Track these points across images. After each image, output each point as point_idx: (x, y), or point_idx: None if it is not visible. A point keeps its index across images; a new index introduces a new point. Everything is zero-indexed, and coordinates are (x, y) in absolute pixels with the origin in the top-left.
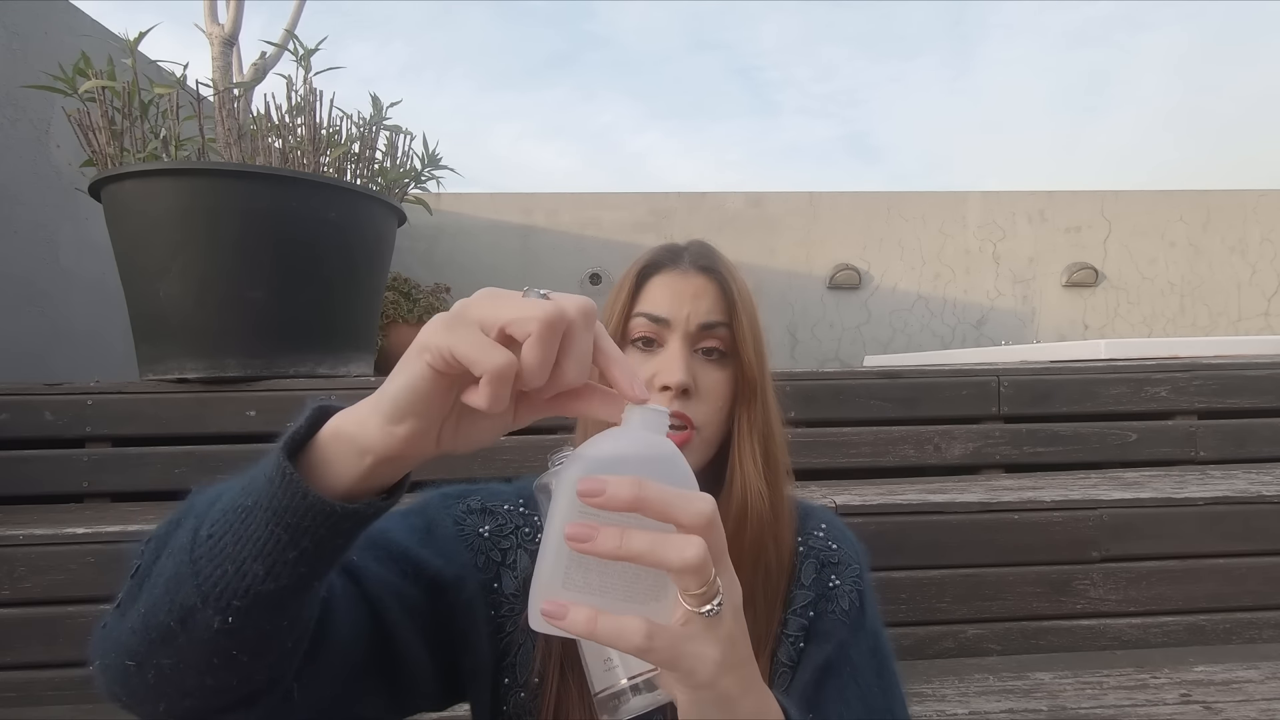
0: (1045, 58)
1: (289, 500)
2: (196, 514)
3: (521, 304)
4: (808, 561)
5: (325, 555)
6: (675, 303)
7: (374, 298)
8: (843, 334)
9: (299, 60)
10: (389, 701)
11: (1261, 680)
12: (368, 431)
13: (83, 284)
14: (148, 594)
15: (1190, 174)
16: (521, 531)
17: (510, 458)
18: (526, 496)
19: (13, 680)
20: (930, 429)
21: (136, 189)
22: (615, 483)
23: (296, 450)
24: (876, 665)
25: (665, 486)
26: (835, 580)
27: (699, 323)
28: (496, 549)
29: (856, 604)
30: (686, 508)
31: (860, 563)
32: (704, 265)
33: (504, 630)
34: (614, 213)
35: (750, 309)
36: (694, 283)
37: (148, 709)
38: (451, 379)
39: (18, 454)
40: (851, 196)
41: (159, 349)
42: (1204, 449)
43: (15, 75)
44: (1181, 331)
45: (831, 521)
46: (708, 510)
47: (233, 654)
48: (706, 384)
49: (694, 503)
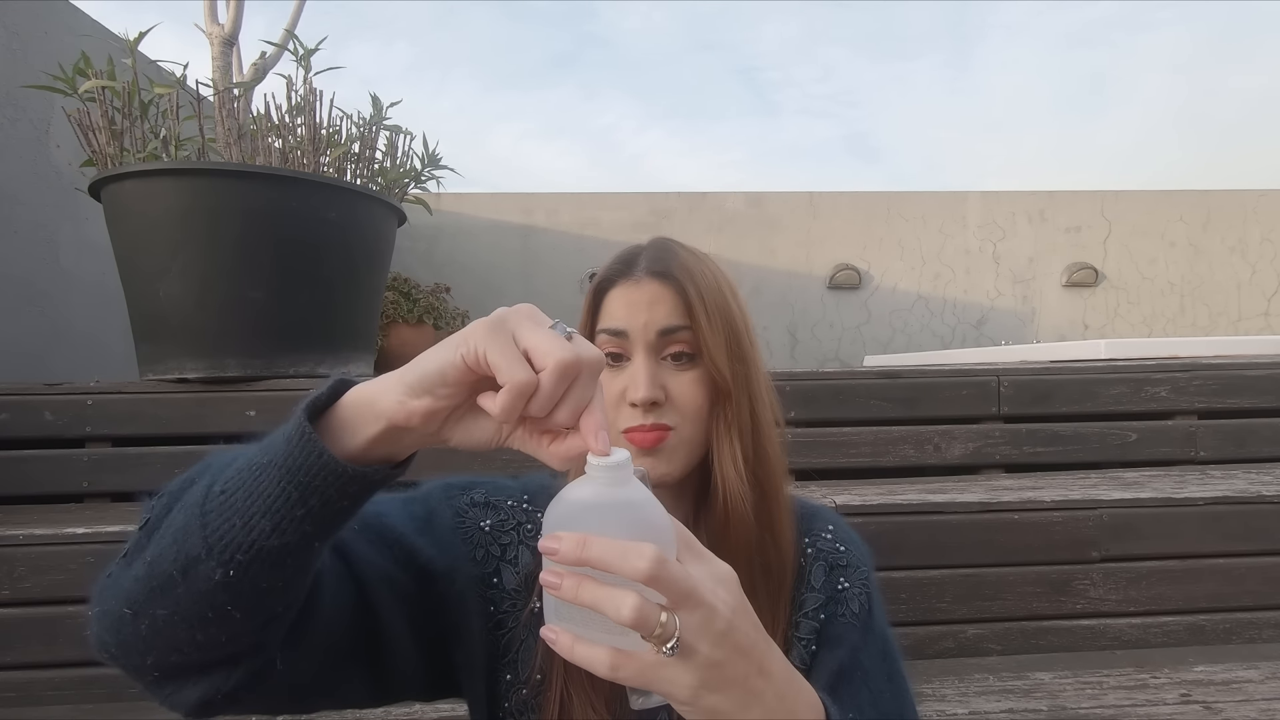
0: (1047, 58)
1: (304, 458)
2: (212, 472)
3: (549, 337)
4: (817, 564)
5: (330, 517)
6: (631, 313)
7: (374, 298)
8: (843, 334)
9: (299, 60)
10: (372, 687)
11: (1261, 680)
12: (388, 398)
13: (83, 284)
14: (155, 544)
15: (1196, 173)
16: (524, 528)
17: (510, 457)
18: (532, 492)
19: (13, 680)
20: (930, 429)
21: (136, 189)
22: (565, 541)
23: (316, 415)
24: (887, 669)
25: (608, 543)
26: (844, 582)
27: (657, 330)
28: (497, 544)
29: (865, 606)
30: (623, 563)
31: (867, 564)
32: (657, 270)
33: (505, 626)
34: (614, 213)
35: (718, 305)
36: (648, 290)
37: (135, 660)
38: (476, 378)
39: (18, 454)
40: (851, 196)
41: (159, 349)
42: (1204, 449)
43: (15, 75)
44: (1181, 331)
45: (838, 523)
46: (644, 565)
47: (227, 609)
48: (677, 390)
49: (631, 559)
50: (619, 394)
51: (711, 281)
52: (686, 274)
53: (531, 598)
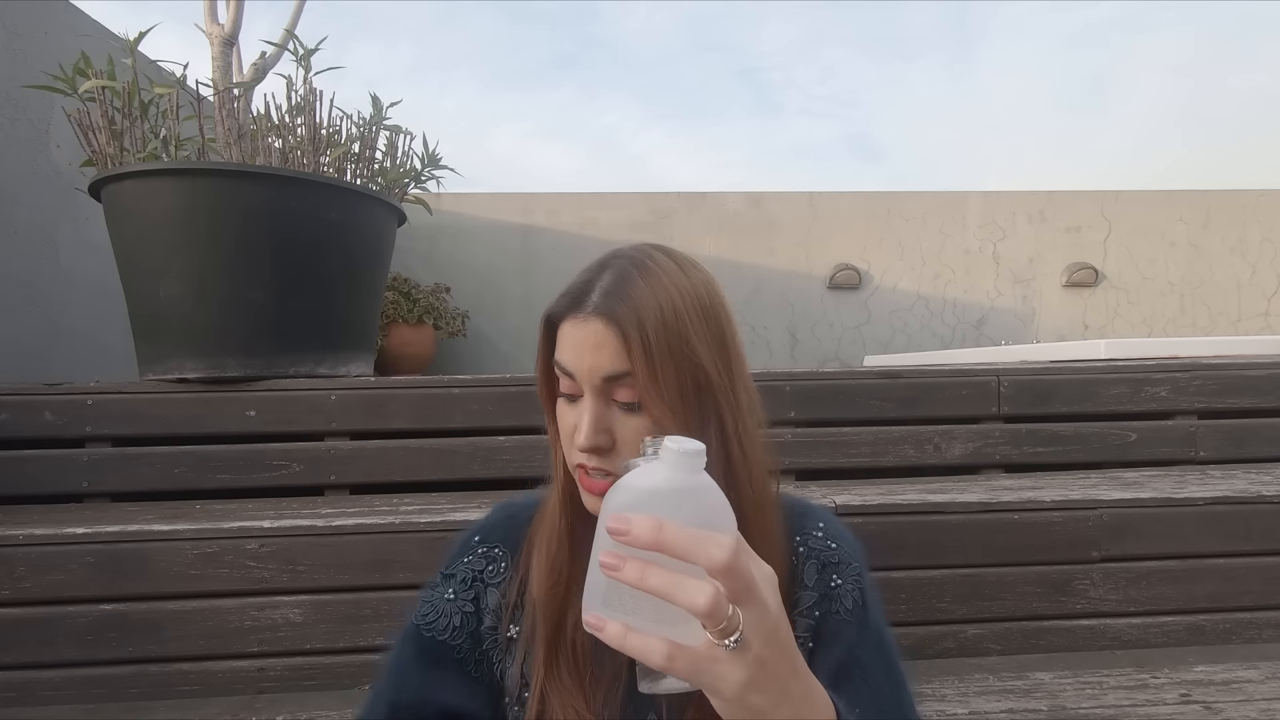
0: (1048, 58)
1: None
2: None
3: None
4: (809, 563)
5: None
6: (577, 355)
7: (374, 298)
8: (843, 334)
9: (299, 60)
10: None
11: (1261, 680)
12: None
13: (83, 284)
14: None
15: (1199, 173)
16: (485, 574)
17: (510, 457)
18: (486, 531)
19: (13, 680)
20: (930, 429)
21: (136, 189)
22: (639, 524)
23: None
24: (884, 664)
25: (685, 530)
26: (837, 580)
27: (602, 376)
28: (469, 603)
29: (859, 601)
30: (701, 552)
31: (859, 560)
32: (604, 310)
33: (493, 660)
34: (614, 213)
35: (668, 346)
36: (592, 331)
37: None
38: None
39: (18, 454)
40: (851, 196)
41: (159, 349)
42: (1204, 449)
43: (15, 75)
44: (1181, 331)
45: (829, 520)
46: (722, 556)
47: None
48: (625, 434)
49: (709, 548)
50: (570, 429)
51: (665, 317)
52: (633, 314)
53: (506, 626)
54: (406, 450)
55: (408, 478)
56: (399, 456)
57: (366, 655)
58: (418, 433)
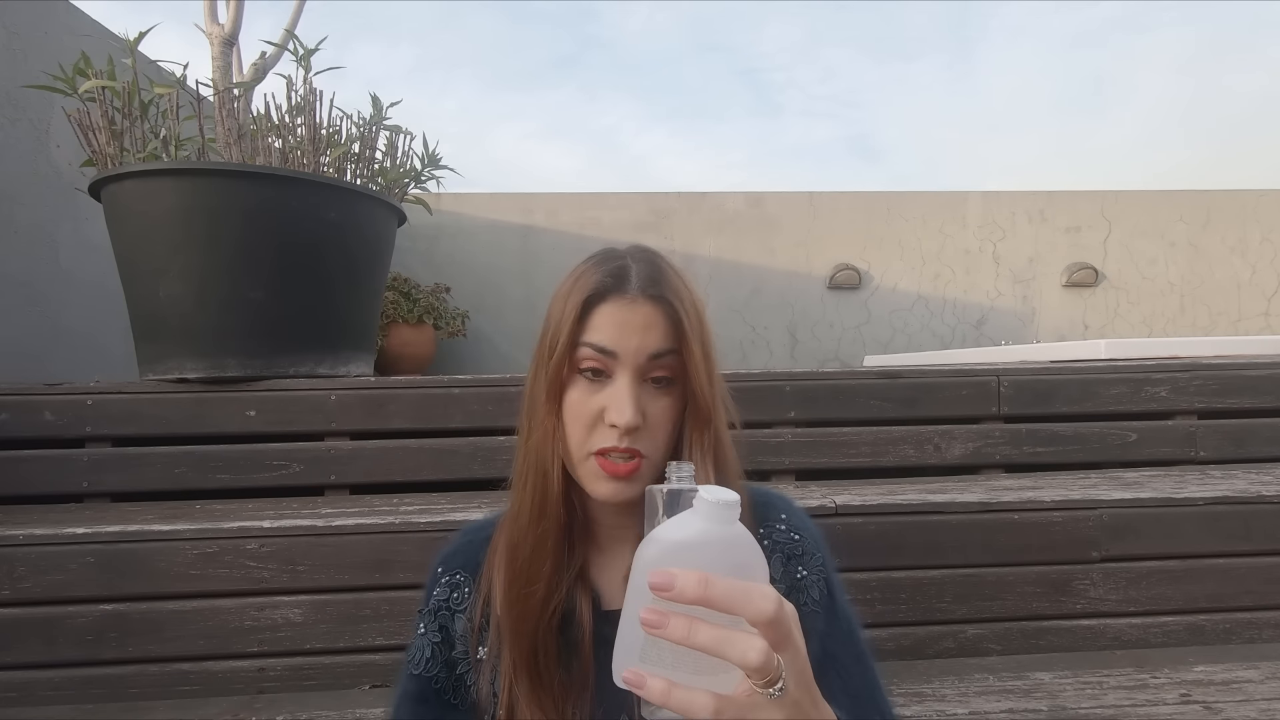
0: (1048, 58)
1: None
2: None
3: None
4: (774, 556)
5: None
6: (623, 335)
7: (374, 298)
8: (843, 334)
9: (299, 60)
10: None
11: (1261, 680)
12: None
13: (83, 284)
14: None
15: (1200, 173)
16: (450, 602)
17: (510, 457)
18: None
19: (13, 680)
20: (930, 429)
21: (136, 189)
22: (683, 579)
23: None
24: (854, 651)
25: (732, 583)
26: (803, 571)
27: (649, 354)
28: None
29: (825, 591)
30: (749, 607)
31: (823, 549)
32: (653, 293)
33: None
34: (614, 212)
35: (700, 329)
36: (643, 312)
37: None
38: None
39: (18, 454)
40: (851, 196)
41: (159, 349)
42: (1204, 449)
43: (15, 75)
44: (1181, 331)
45: (790, 510)
46: (770, 608)
47: None
48: (654, 413)
49: (756, 600)
50: (596, 412)
51: (695, 301)
52: (677, 296)
53: (474, 648)
54: (406, 450)
55: (408, 478)
56: (399, 456)
57: (366, 655)
58: (418, 433)
